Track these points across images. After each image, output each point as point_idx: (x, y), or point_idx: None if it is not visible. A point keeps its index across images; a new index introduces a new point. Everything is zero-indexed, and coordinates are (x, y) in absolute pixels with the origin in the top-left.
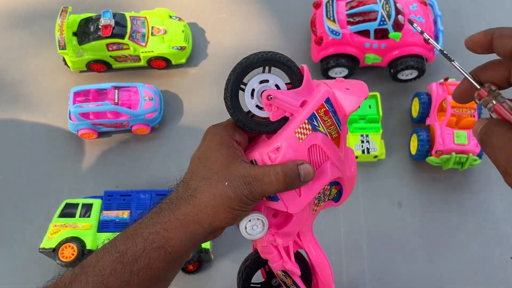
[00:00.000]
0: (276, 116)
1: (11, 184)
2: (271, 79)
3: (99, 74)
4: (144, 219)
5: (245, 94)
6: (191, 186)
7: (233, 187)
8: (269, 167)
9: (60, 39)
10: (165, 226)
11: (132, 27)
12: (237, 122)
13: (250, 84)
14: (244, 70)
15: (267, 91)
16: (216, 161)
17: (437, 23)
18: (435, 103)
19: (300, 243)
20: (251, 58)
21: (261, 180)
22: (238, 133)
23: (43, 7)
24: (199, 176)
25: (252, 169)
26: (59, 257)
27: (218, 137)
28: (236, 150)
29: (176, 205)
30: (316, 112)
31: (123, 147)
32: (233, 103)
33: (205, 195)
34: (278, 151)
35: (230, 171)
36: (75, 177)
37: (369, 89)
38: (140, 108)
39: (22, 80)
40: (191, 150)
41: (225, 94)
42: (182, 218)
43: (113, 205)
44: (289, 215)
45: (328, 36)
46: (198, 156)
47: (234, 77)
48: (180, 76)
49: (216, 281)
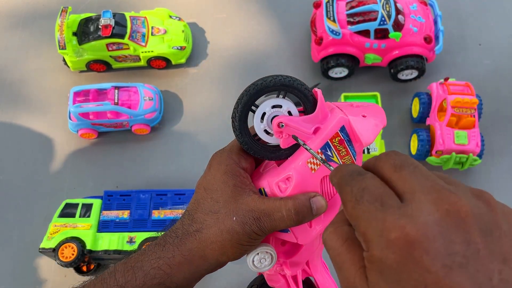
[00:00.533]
0: (286, 144)
1: (11, 184)
2: (285, 104)
3: (99, 74)
4: (147, 250)
5: (255, 117)
6: (196, 220)
7: (241, 223)
8: (280, 201)
9: (60, 39)
10: (168, 261)
11: (132, 27)
12: (242, 144)
13: (262, 107)
14: (258, 92)
15: (278, 117)
16: (223, 194)
17: (437, 23)
18: (435, 103)
19: (309, 271)
20: (267, 81)
21: (271, 216)
22: (243, 159)
23: (43, 7)
24: (205, 209)
25: (261, 202)
26: (59, 257)
27: (224, 166)
28: (243, 179)
29: (182, 240)
30: (330, 141)
31: (123, 147)
32: (241, 124)
33: (211, 230)
34: (289, 181)
35: (238, 205)
36: (75, 177)
37: (369, 89)
38: (140, 108)
39: (22, 80)
40: (191, 150)
41: (233, 113)
42: (187, 254)
43: (113, 205)
44: (298, 244)
45: (328, 36)
46: (204, 186)
47: (246, 98)
48: (180, 76)
49: (216, 281)
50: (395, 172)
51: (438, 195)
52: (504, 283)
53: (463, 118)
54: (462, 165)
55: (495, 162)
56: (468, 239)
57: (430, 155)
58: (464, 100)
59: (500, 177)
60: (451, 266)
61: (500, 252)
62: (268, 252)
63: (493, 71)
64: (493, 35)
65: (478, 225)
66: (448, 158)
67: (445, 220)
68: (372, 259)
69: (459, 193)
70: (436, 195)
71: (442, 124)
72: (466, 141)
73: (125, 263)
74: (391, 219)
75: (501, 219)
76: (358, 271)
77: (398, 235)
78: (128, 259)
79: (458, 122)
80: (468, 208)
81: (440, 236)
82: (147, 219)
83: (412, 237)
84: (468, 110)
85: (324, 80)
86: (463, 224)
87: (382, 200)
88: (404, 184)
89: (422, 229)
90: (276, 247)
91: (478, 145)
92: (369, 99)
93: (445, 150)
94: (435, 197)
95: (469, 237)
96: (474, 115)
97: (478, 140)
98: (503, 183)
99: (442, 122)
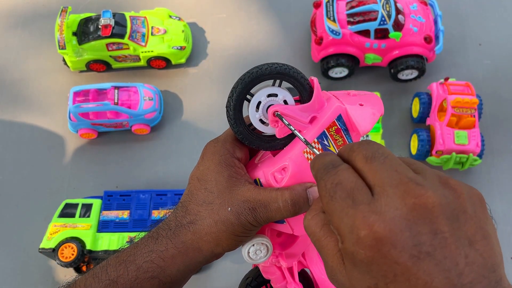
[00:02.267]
0: (282, 133)
1: (11, 184)
2: (280, 93)
3: (99, 74)
4: (140, 244)
5: (250, 106)
6: (190, 211)
7: (236, 213)
8: (276, 192)
9: (59, 39)
10: (161, 254)
11: (132, 27)
12: (237, 134)
13: (257, 96)
14: (254, 80)
15: (274, 106)
16: (217, 184)
17: (437, 23)
18: (435, 103)
19: (304, 263)
20: (263, 68)
21: (268, 207)
22: (238, 149)
23: (43, 7)
24: (199, 200)
25: (257, 193)
26: (58, 257)
27: (218, 157)
28: (238, 169)
29: (175, 232)
30: (326, 130)
31: (123, 147)
32: (236, 113)
33: (206, 221)
34: (285, 172)
35: (233, 195)
36: (75, 177)
37: (369, 89)
38: (140, 108)
39: (22, 80)
40: (191, 150)
41: (228, 102)
42: (181, 246)
43: (113, 205)
44: (294, 235)
45: (328, 36)
46: (198, 176)
47: (241, 86)
48: (180, 76)
49: (216, 281)
50: (366, 163)
51: (405, 188)
52: (470, 266)
53: (463, 118)
54: (462, 165)
55: (495, 162)
56: (435, 229)
57: (430, 155)
58: (464, 100)
59: (500, 177)
60: (419, 256)
61: (465, 236)
62: (264, 244)
63: (493, 71)
64: (493, 35)
65: (445, 214)
66: (448, 158)
67: (412, 213)
68: (346, 251)
69: (427, 184)
70: (404, 188)
71: (442, 124)
72: (466, 141)
73: (117, 256)
74: (361, 216)
75: (467, 203)
76: (335, 256)
77: (367, 232)
78: (121, 252)
79: (458, 122)
80: (434, 199)
81: (407, 229)
82: (147, 219)
83: (380, 234)
84: (468, 110)
85: (324, 80)
86: (430, 215)
87: (354, 197)
88: (374, 177)
89: (390, 225)
90: (272, 239)
91: (478, 145)
92: None
93: (445, 150)
94: (403, 191)
95: (436, 227)
96: (474, 115)
97: (478, 140)
98: (503, 183)
99: (442, 122)
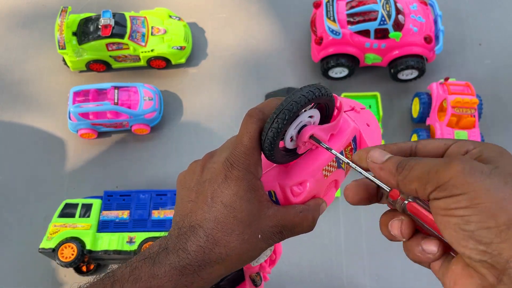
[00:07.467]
0: (304, 150)
1: (11, 185)
2: (315, 114)
3: (99, 74)
4: (163, 277)
5: (291, 126)
6: (219, 242)
7: (266, 239)
8: (300, 216)
9: (59, 39)
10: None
11: (132, 27)
12: (270, 157)
13: (302, 117)
14: (292, 117)
15: (311, 129)
16: (249, 213)
17: (438, 23)
18: (435, 103)
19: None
20: (317, 93)
21: (293, 229)
22: (260, 168)
23: (43, 7)
24: (227, 230)
25: (283, 218)
26: (58, 257)
27: (245, 183)
28: (261, 192)
29: (203, 268)
30: (343, 150)
31: (123, 147)
32: (279, 139)
33: (236, 251)
34: (303, 187)
35: (261, 222)
36: (75, 177)
37: (369, 89)
38: (140, 108)
39: (22, 80)
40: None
41: (274, 131)
42: (207, 277)
43: (113, 205)
44: None
45: (328, 36)
46: (223, 202)
47: (280, 126)
48: (180, 76)
49: None
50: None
51: None
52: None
53: (463, 118)
54: None
55: None
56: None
57: None
58: (464, 100)
59: None
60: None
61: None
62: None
63: (493, 71)
64: (493, 35)
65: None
66: None
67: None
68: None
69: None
70: None
71: (442, 124)
72: None
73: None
74: None
75: None
76: None
77: None
78: (140, 281)
79: (458, 122)
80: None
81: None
82: (147, 219)
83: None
84: (468, 110)
85: (324, 80)
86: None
87: None
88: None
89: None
90: None
91: None
92: (369, 99)
93: None
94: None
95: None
96: (474, 115)
97: (478, 140)
98: None
99: (442, 122)
